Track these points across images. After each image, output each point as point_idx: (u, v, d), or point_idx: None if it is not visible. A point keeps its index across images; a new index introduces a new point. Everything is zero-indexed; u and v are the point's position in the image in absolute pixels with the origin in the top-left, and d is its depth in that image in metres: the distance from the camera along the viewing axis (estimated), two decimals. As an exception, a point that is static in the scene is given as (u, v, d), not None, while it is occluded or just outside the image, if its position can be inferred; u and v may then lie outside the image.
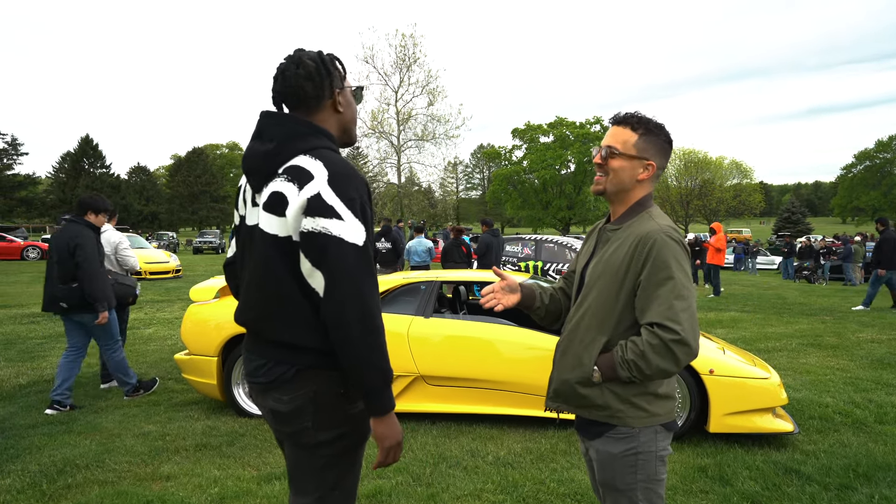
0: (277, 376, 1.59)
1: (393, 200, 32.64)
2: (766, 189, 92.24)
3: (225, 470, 3.63)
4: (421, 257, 10.95)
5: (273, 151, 1.59)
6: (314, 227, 1.48)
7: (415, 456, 3.89)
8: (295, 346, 1.58)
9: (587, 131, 55.62)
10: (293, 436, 1.63)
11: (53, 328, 8.49)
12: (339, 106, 1.68)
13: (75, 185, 58.70)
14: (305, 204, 1.50)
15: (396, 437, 1.57)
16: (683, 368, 3.56)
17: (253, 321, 1.65)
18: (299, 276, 1.55)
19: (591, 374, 1.74)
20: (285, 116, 1.63)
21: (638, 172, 1.78)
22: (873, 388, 5.60)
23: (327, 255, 1.48)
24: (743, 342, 7.91)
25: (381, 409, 1.54)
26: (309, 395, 1.58)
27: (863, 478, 3.57)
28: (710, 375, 4.05)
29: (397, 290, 4.82)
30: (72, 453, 3.84)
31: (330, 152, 1.59)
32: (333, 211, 1.48)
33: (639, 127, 1.78)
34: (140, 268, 16.57)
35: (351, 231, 1.48)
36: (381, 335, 1.52)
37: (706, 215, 56.96)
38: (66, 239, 4.67)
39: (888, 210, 68.01)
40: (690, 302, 1.66)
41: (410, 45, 30.37)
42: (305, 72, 1.62)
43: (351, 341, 1.48)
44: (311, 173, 1.52)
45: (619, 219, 1.83)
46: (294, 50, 1.69)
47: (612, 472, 1.76)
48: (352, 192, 1.52)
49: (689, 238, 15.99)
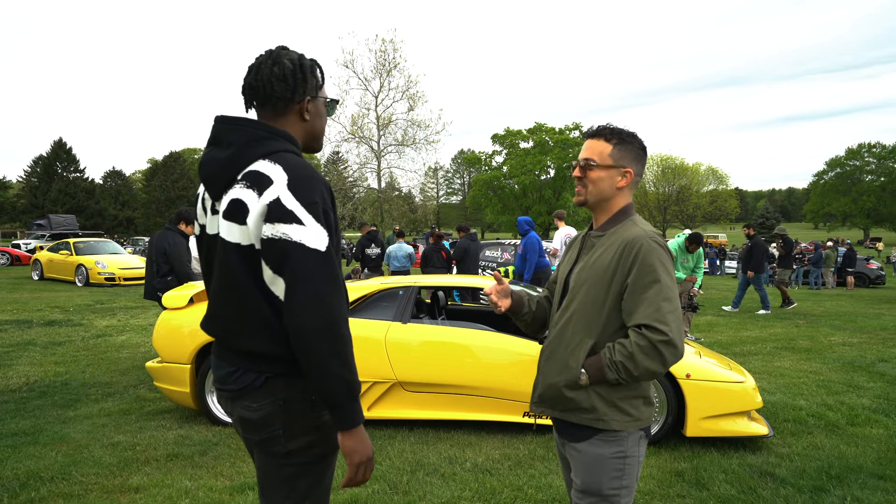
0: (246, 384, 1.55)
1: (373, 206, 32.52)
2: (741, 195, 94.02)
3: (197, 480, 3.55)
4: (401, 262, 10.93)
5: (231, 157, 1.54)
6: (274, 234, 1.44)
7: (392, 463, 3.84)
8: (262, 354, 1.54)
9: (566, 137, 56.07)
10: (263, 444, 1.59)
11: (21, 336, 8.28)
12: (305, 114, 1.63)
13: (48, 190, 57.47)
14: (265, 210, 1.45)
15: (366, 452, 1.50)
16: (660, 373, 3.59)
17: (220, 330, 1.62)
18: (262, 285, 1.51)
19: (578, 377, 1.76)
20: (243, 120, 1.58)
21: (617, 181, 1.84)
22: (845, 391, 5.69)
23: (288, 262, 1.43)
24: (719, 346, 8.00)
25: (348, 422, 1.47)
26: (278, 402, 1.54)
27: (835, 479, 3.62)
28: (687, 380, 4.07)
29: (375, 295, 4.77)
30: (36, 466, 3.72)
31: (291, 156, 1.54)
32: (293, 216, 1.43)
33: (612, 137, 1.84)
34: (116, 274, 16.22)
35: (312, 236, 1.44)
36: (345, 345, 1.45)
37: (683, 221, 57.78)
38: (163, 243, 5.93)
39: (858, 216, 69.77)
40: (676, 304, 1.71)
41: (390, 50, 30.32)
42: (280, 71, 1.57)
43: (312, 350, 1.42)
44: (270, 178, 1.47)
45: (603, 226, 1.87)
46: (277, 46, 1.65)
47: (599, 475, 1.77)
48: (314, 196, 1.46)
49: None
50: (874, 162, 71.33)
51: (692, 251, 8.40)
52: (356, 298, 4.71)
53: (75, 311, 11.04)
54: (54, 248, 18.21)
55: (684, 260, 8.45)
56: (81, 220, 48.23)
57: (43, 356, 7.00)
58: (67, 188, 57.93)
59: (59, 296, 13.58)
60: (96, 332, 8.74)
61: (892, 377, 6.25)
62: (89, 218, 56.73)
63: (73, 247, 17.38)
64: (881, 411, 5.02)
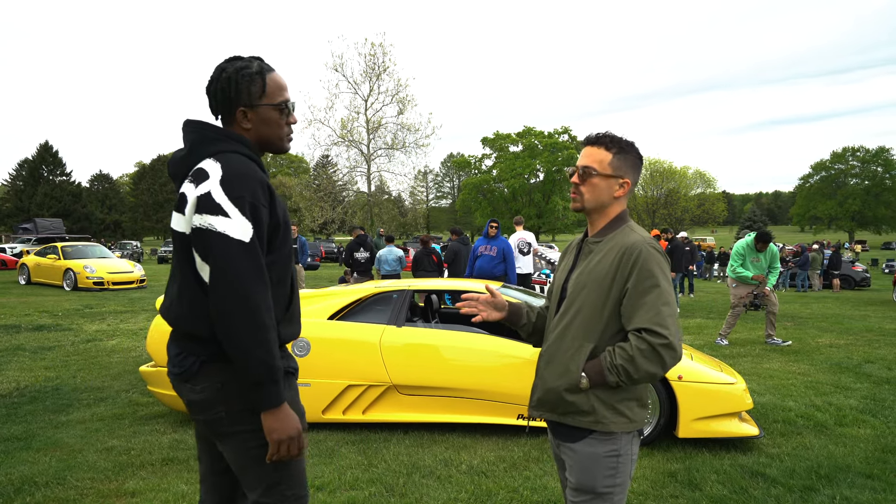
0: (186, 368, 1.66)
1: (363, 209, 32.48)
2: (728, 198, 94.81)
3: (193, 485, 3.54)
4: (392, 266, 10.93)
5: (186, 156, 1.72)
6: (201, 224, 1.57)
7: (388, 466, 3.86)
8: (199, 337, 1.65)
9: (555, 141, 56.33)
10: (210, 424, 1.68)
11: (10, 341, 8.21)
12: (245, 122, 1.74)
13: (33, 193, 56.85)
14: (196, 201, 1.59)
15: (287, 430, 1.59)
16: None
17: (166, 312, 1.73)
18: (195, 271, 1.64)
19: (578, 381, 1.79)
20: (199, 123, 1.73)
21: (614, 190, 1.87)
22: (832, 392, 5.78)
23: (212, 250, 1.55)
24: (709, 348, 8.09)
25: (264, 403, 1.56)
26: (216, 385, 1.65)
27: (825, 479, 3.68)
28: (679, 381, 4.13)
29: (369, 299, 4.79)
30: (30, 471, 3.71)
31: (235, 156, 1.66)
32: (220, 208, 1.56)
33: (612, 146, 1.86)
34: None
35: (236, 228, 1.55)
36: (266, 331, 1.55)
37: (671, 224, 58.19)
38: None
39: (843, 219, 70.60)
40: (675, 308, 1.76)
41: (380, 53, 30.31)
42: (218, 85, 1.72)
43: (232, 333, 1.53)
44: (207, 174, 1.62)
45: (600, 232, 1.90)
46: (228, 57, 1.78)
47: (593, 473, 1.80)
48: (241, 191, 1.58)
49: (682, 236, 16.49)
50: (858, 166, 72.21)
51: (761, 250, 8.22)
52: (351, 302, 4.73)
53: (64, 315, 10.94)
54: (42, 252, 18.03)
55: (755, 259, 8.27)
56: (68, 224, 47.74)
57: (33, 361, 6.94)
58: (53, 192, 57.33)
59: (47, 300, 13.45)
60: (86, 336, 8.68)
61: (879, 378, 6.35)
62: (76, 222, 56.16)
63: (60, 251, 17.22)
64: (868, 412, 5.11)
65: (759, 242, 8.21)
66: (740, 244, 8.41)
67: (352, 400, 4.47)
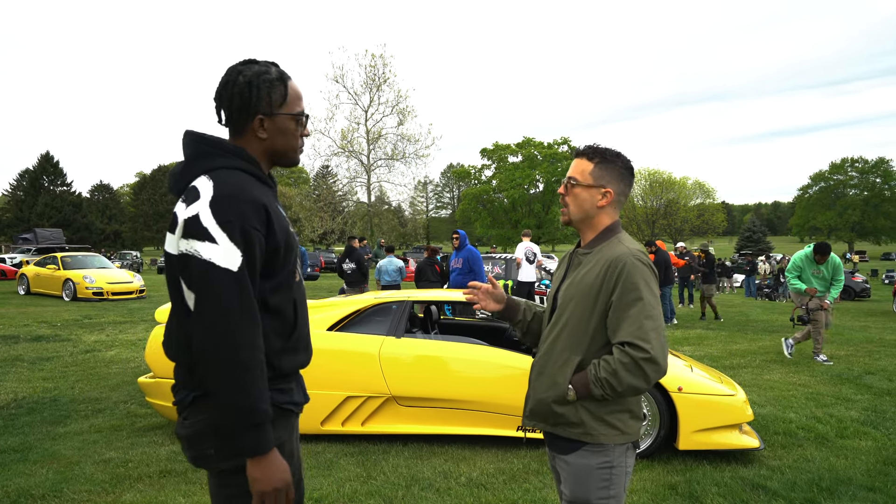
0: (180, 399, 1.56)
1: (363, 220, 32.54)
2: (728, 209, 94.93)
3: (190, 497, 3.52)
4: (392, 276, 10.93)
5: (180, 171, 1.58)
6: (187, 249, 1.43)
7: (387, 478, 3.84)
8: (192, 369, 1.53)
9: (555, 151, 56.52)
10: (196, 461, 1.55)
11: (8, 351, 8.18)
12: (261, 131, 1.59)
13: (34, 203, 56.98)
14: (183, 225, 1.46)
15: (271, 482, 1.41)
16: (653, 386, 3.63)
17: (167, 346, 1.62)
18: (184, 298, 1.50)
19: (566, 393, 1.79)
20: (195, 136, 1.59)
21: (597, 200, 1.87)
22: (833, 403, 5.75)
23: (197, 279, 1.42)
24: (709, 359, 8.06)
25: (247, 450, 1.41)
26: (207, 421, 1.51)
27: (826, 492, 3.66)
28: (679, 393, 4.11)
29: (369, 310, 4.79)
30: (27, 483, 3.68)
31: (229, 172, 1.52)
32: (207, 233, 1.42)
33: (594, 157, 1.88)
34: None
35: (223, 255, 1.41)
36: (245, 371, 1.40)
37: (671, 234, 58.24)
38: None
39: (843, 229, 70.65)
40: (659, 322, 1.74)
41: (380, 65, 30.54)
42: (232, 89, 1.57)
43: (208, 372, 1.40)
44: (199, 194, 1.47)
45: (590, 243, 1.90)
46: (243, 60, 1.63)
47: (586, 485, 1.80)
48: (230, 214, 1.44)
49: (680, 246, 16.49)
50: (857, 176, 72.39)
51: (820, 262, 7.90)
52: (350, 313, 4.73)
53: (63, 326, 10.92)
54: (41, 262, 18.02)
55: (816, 272, 7.97)
56: (68, 234, 47.77)
57: (31, 372, 6.92)
58: (54, 202, 57.46)
59: (46, 310, 13.43)
60: (85, 347, 8.65)
61: (880, 389, 6.33)
62: (76, 232, 56.23)
63: (60, 261, 17.20)
64: (869, 423, 5.09)
65: (817, 254, 7.91)
66: (798, 256, 8.16)
67: (351, 411, 4.45)
